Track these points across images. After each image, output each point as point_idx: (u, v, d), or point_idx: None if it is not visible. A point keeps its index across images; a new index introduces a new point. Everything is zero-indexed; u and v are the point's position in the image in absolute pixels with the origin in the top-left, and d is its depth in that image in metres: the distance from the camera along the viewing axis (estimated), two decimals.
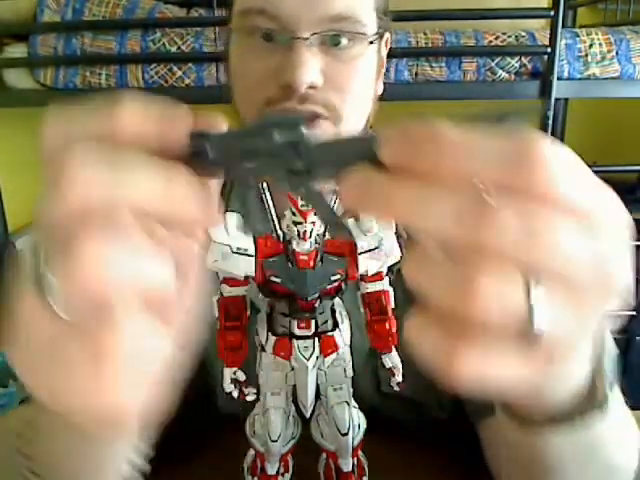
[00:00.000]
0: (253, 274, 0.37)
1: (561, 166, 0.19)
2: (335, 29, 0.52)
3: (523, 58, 1.34)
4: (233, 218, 0.38)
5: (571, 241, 0.19)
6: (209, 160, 0.23)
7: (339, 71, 0.53)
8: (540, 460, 0.37)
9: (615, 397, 0.36)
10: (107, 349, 0.21)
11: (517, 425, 0.35)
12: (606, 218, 0.20)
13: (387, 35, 0.59)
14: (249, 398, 0.41)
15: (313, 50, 0.51)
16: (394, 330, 0.40)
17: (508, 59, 1.34)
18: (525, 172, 0.19)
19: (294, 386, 0.41)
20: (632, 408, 0.45)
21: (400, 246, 0.38)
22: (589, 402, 0.33)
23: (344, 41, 0.52)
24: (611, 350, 0.35)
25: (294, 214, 0.36)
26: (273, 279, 0.37)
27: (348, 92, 0.54)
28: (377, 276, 0.40)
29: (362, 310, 0.41)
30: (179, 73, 1.34)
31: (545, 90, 1.33)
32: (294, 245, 0.37)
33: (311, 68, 0.50)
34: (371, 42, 0.54)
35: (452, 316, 0.20)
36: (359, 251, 0.38)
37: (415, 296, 0.21)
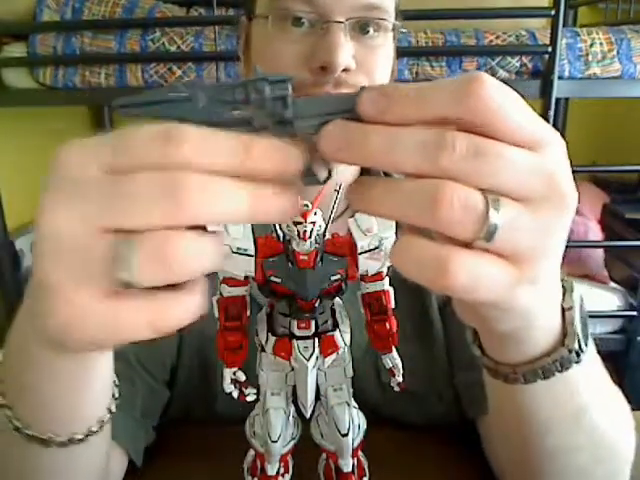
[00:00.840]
0: (253, 274, 0.37)
1: (499, 97, 0.23)
2: (367, 17, 0.54)
3: (524, 57, 1.34)
4: None
5: (516, 158, 0.23)
6: (199, 107, 0.24)
7: (367, 57, 0.55)
8: (523, 413, 0.39)
9: (590, 354, 0.36)
10: (166, 316, 0.24)
11: (501, 383, 0.36)
12: (546, 138, 0.24)
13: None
14: (249, 398, 0.41)
15: (347, 35, 0.53)
16: (394, 330, 0.40)
17: (509, 58, 1.34)
18: (469, 105, 0.23)
19: (294, 386, 0.41)
20: (632, 408, 0.45)
21: None
22: (565, 352, 0.34)
23: (371, 30, 0.55)
24: (583, 310, 0.35)
25: None
26: (273, 279, 0.37)
27: (376, 78, 0.56)
28: (377, 276, 0.40)
29: (362, 310, 0.41)
30: (179, 72, 1.34)
31: (546, 90, 1.32)
32: (294, 245, 0.36)
33: (347, 50, 0.52)
34: (393, 36, 0.57)
35: (429, 230, 0.23)
36: (359, 251, 0.37)
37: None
